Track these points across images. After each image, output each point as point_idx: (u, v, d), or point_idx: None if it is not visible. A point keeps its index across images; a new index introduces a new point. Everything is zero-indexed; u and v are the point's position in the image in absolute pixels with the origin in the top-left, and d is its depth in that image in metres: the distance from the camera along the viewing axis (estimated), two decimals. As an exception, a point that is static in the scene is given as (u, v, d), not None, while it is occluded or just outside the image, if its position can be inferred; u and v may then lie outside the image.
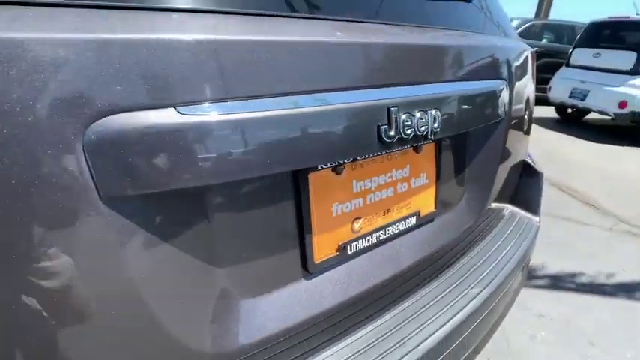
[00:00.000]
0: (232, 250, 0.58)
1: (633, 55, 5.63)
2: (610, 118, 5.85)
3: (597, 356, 1.74)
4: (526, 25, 8.67)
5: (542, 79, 6.58)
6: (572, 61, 6.65)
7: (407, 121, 0.64)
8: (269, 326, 0.60)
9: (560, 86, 6.55)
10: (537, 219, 1.27)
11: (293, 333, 0.63)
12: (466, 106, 0.79)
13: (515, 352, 1.75)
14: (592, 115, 6.65)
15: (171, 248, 0.50)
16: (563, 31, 8.82)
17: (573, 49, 6.76)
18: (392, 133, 0.62)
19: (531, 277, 2.32)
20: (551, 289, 2.24)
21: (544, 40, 8.72)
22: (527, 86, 1.14)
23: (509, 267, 0.98)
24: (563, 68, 6.79)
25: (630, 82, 5.56)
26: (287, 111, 0.52)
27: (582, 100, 6.08)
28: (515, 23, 8.76)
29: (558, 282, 2.30)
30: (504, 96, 0.95)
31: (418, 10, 0.80)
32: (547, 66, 7.69)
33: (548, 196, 3.32)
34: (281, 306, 0.62)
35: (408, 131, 0.65)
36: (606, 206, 3.37)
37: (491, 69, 0.91)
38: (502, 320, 1.08)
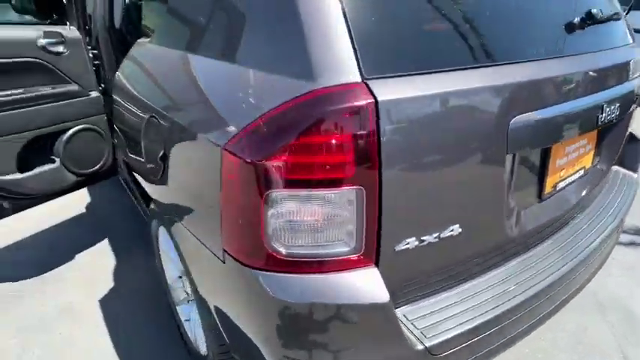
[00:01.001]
0: (517, 181, 1.13)
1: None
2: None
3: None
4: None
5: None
6: (626, 24, 6.81)
7: (607, 111, 1.18)
8: (528, 224, 1.18)
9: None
10: (636, 175, 1.81)
11: (536, 230, 1.22)
12: (627, 99, 1.32)
13: (598, 282, 2.35)
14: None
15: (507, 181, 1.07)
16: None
17: (628, 11, 6.89)
18: (602, 118, 1.17)
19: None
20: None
21: None
22: (641, 77, 1.66)
23: (628, 203, 1.55)
24: (617, 32, 6.95)
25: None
26: (558, 113, 1.08)
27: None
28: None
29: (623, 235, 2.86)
30: (637, 89, 1.46)
31: (594, 39, 1.31)
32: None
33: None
34: (531, 215, 1.20)
35: (608, 117, 1.18)
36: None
37: (633, 72, 1.43)
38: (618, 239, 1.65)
